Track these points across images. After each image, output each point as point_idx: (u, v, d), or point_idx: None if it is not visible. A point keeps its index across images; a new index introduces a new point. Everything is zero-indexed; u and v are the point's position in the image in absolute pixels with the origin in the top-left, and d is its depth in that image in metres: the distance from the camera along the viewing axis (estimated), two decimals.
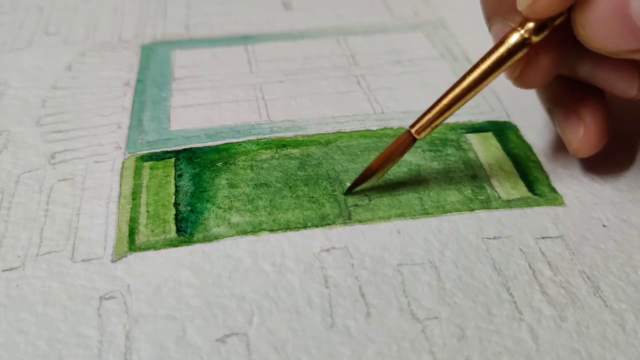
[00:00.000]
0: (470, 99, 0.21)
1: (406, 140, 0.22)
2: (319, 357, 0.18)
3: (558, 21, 0.19)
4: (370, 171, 0.22)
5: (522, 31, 0.19)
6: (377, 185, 0.23)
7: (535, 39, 0.19)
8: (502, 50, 0.20)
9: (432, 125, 0.21)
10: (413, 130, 0.21)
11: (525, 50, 0.20)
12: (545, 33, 0.19)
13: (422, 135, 0.21)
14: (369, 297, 0.19)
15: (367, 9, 0.36)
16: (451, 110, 0.21)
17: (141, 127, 0.27)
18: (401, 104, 0.28)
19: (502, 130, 0.26)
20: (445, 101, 0.21)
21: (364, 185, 0.23)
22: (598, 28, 0.18)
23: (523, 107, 0.28)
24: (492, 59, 0.20)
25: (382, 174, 0.22)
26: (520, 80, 0.21)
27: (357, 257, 0.21)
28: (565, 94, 0.23)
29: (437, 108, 0.21)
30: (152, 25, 0.35)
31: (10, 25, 0.35)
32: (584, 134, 0.22)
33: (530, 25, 0.19)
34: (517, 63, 0.20)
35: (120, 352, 0.18)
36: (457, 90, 0.21)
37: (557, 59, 0.21)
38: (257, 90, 0.29)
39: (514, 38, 0.19)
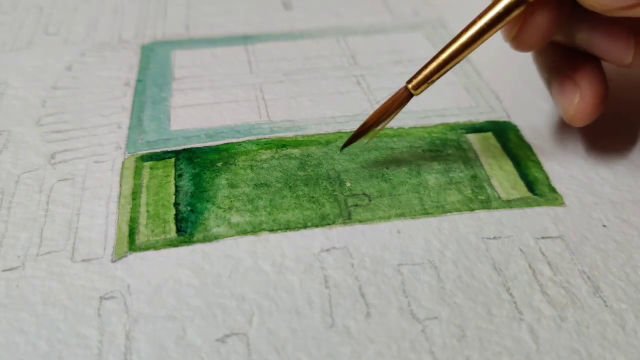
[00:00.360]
0: (466, 55, 0.21)
1: (403, 95, 0.22)
2: (319, 357, 0.18)
3: None
4: (366, 126, 0.22)
5: None
6: (377, 185, 0.23)
7: None
8: (499, 7, 0.20)
9: (429, 81, 0.21)
10: (410, 86, 0.21)
11: (522, 8, 0.20)
12: None
13: (419, 90, 0.21)
14: (369, 297, 0.19)
15: (367, 9, 0.36)
16: (448, 66, 0.21)
17: (141, 127, 0.27)
18: None
19: (502, 130, 0.26)
20: (443, 56, 0.21)
21: (361, 141, 0.23)
22: None
23: (523, 107, 0.28)
24: (489, 16, 0.20)
25: (378, 130, 0.22)
26: (517, 41, 0.21)
27: (357, 257, 0.21)
28: (562, 62, 0.23)
29: (435, 63, 0.21)
30: (152, 25, 0.35)
31: (10, 25, 0.35)
32: (580, 100, 0.22)
33: None
34: (513, 23, 0.20)
35: (120, 352, 0.18)
36: (455, 46, 0.21)
37: (554, 19, 0.21)
38: (257, 90, 0.29)
39: None
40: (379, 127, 0.22)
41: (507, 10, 0.20)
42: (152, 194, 0.23)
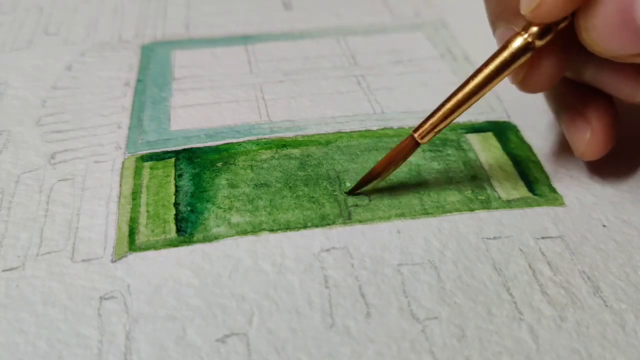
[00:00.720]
0: (473, 103, 0.21)
1: (409, 145, 0.22)
2: (319, 357, 0.18)
3: (562, 25, 0.19)
4: (373, 174, 0.22)
5: (526, 35, 0.19)
6: (378, 186, 0.23)
7: (539, 43, 0.19)
8: (505, 54, 0.20)
9: (435, 130, 0.21)
10: (416, 135, 0.21)
11: (529, 55, 0.19)
12: (549, 37, 0.19)
13: (425, 139, 0.21)
14: (369, 297, 0.19)
15: (367, 9, 0.36)
16: (454, 115, 0.21)
17: (141, 127, 0.27)
18: (401, 104, 0.28)
19: (502, 131, 0.26)
20: (449, 105, 0.21)
21: (366, 188, 0.23)
22: (602, 32, 0.18)
23: (523, 107, 0.28)
24: (495, 63, 0.20)
25: (384, 177, 0.22)
26: (524, 85, 0.21)
27: (357, 257, 0.21)
28: (572, 97, 0.23)
29: (441, 112, 0.21)
30: (152, 25, 0.35)
31: (10, 25, 0.35)
32: (591, 137, 0.22)
33: (534, 29, 0.19)
34: (520, 67, 0.20)
35: (120, 352, 0.18)
36: (460, 95, 0.20)
37: (561, 63, 0.21)
38: (257, 90, 0.29)
39: (518, 42, 0.19)
40: (384, 176, 0.22)
41: (514, 58, 0.20)
42: (152, 194, 0.23)
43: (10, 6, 0.37)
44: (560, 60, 0.20)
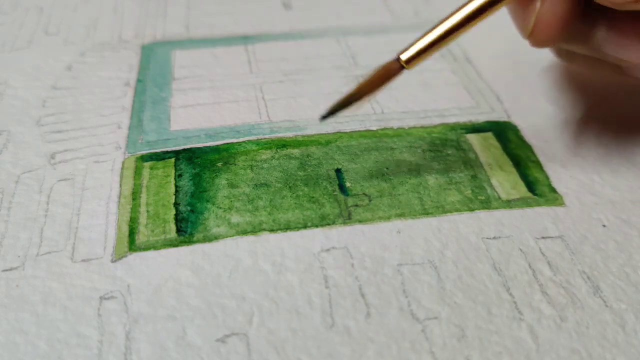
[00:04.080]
0: (465, 32, 0.19)
1: (393, 68, 0.20)
2: (319, 357, 0.18)
3: None
4: (353, 97, 0.21)
5: None
6: (377, 185, 0.23)
7: None
8: None
9: (423, 56, 0.20)
10: (403, 58, 0.20)
11: None
12: None
13: (412, 64, 0.20)
14: (369, 297, 0.19)
15: (367, 9, 0.36)
16: (445, 41, 0.20)
17: (141, 127, 0.27)
18: (401, 104, 0.28)
19: (502, 131, 0.26)
20: (440, 31, 0.20)
21: (345, 111, 0.21)
22: None
23: (523, 108, 0.28)
24: None
25: (364, 101, 0.21)
26: (534, 37, 0.20)
27: (357, 257, 0.21)
28: None
29: (431, 38, 0.20)
30: (152, 25, 0.35)
31: (10, 25, 0.35)
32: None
33: None
34: (529, 17, 0.19)
35: (120, 352, 0.18)
36: (453, 21, 0.19)
37: (570, 8, 0.20)
38: (257, 90, 0.29)
39: None
40: (363, 100, 0.21)
41: None
42: (152, 194, 0.23)
43: (10, 6, 0.37)
44: (567, 7, 0.20)
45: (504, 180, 0.24)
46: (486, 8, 0.19)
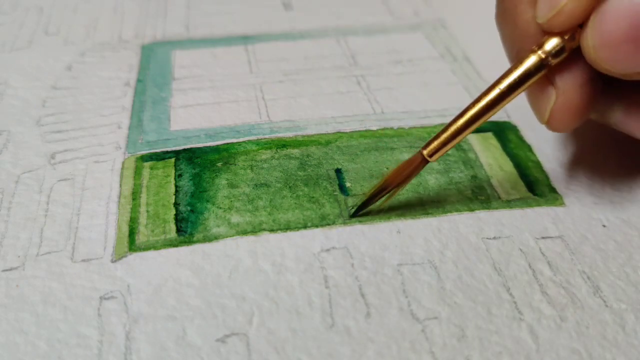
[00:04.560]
0: (484, 122, 0.20)
1: (418, 162, 0.21)
2: (319, 357, 0.18)
3: (575, 43, 0.19)
4: (379, 192, 0.22)
5: (540, 52, 0.19)
6: (384, 206, 0.23)
7: (553, 61, 0.19)
8: (519, 71, 0.19)
9: (445, 148, 0.20)
10: (425, 152, 0.21)
11: (542, 73, 0.19)
12: (563, 56, 0.19)
13: (435, 157, 0.21)
14: (369, 297, 0.19)
15: (367, 9, 0.36)
16: (465, 133, 0.20)
17: (141, 127, 0.27)
18: (401, 104, 0.28)
19: (502, 131, 0.26)
20: (459, 123, 0.20)
21: (371, 207, 0.22)
22: (609, 50, 0.18)
23: (523, 107, 0.27)
24: (509, 81, 0.20)
25: (392, 196, 0.22)
26: (551, 125, 0.20)
27: (357, 257, 0.21)
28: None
29: (450, 130, 0.20)
30: (152, 25, 0.35)
31: (10, 25, 0.35)
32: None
33: (548, 47, 0.19)
34: (545, 107, 0.20)
35: (120, 352, 0.18)
36: (471, 112, 0.20)
37: (586, 100, 0.20)
38: (257, 90, 0.29)
39: (532, 59, 0.19)
40: (390, 195, 0.21)
41: (528, 75, 0.19)
42: (152, 194, 0.23)
43: (10, 6, 0.37)
44: (584, 96, 0.20)
45: (504, 180, 0.24)
46: (501, 99, 0.20)
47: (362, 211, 0.22)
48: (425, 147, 0.21)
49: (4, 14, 0.36)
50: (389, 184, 0.21)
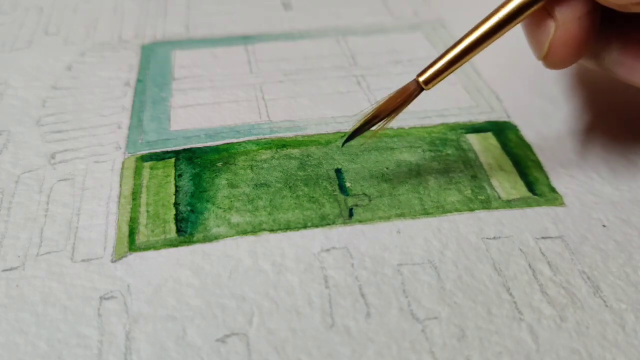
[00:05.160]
0: (481, 50, 0.20)
1: (413, 89, 0.20)
2: (319, 357, 0.18)
3: None
4: (370, 120, 0.21)
5: None
6: (377, 185, 0.23)
7: None
8: (517, 1, 0.19)
9: (441, 77, 0.20)
10: (421, 79, 0.20)
11: (541, 4, 0.19)
12: None
13: (430, 85, 0.20)
14: (369, 297, 0.19)
15: (367, 9, 0.36)
16: (462, 61, 0.20)
17: (141, 127, 0.27)
18: None
19: (502, 130, 0.26)
20: (457, 51, 0.20)
21: (363, 135, 0.21)
22: None
23: (523, 107, 0.28)
24: (507, 9, 0.19)
25: (384, 124, 0.21)
26: (548, 60, 0.20)
27: (357, 257, 0.21)
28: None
29: (447, 58, 0.20)
30: (152, 25, 0.35)
31: (10, 25, 0.35)
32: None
33: None
34: (543, 40, 0.20)
35: (120, 352, 0.18)
36: (469, 40, 0.20)
37: (584, 33, 0.20)
38: (257, 90, 0.29)
39: None
40: (383, 123, 0.21)
41: (526, 5, 0.19)
42: (152, 194, 0.23)
43: (10, 6, 0.37)
44: (582, 30, 0.20)
45: (504, 180, 0.24)
46: (500, 28, 0.19)
47: (353, 138, 0.21)
48: (421, 74, 0.20)
49: (4, 14, 0.36)
50: (382, 111, 0.21)
